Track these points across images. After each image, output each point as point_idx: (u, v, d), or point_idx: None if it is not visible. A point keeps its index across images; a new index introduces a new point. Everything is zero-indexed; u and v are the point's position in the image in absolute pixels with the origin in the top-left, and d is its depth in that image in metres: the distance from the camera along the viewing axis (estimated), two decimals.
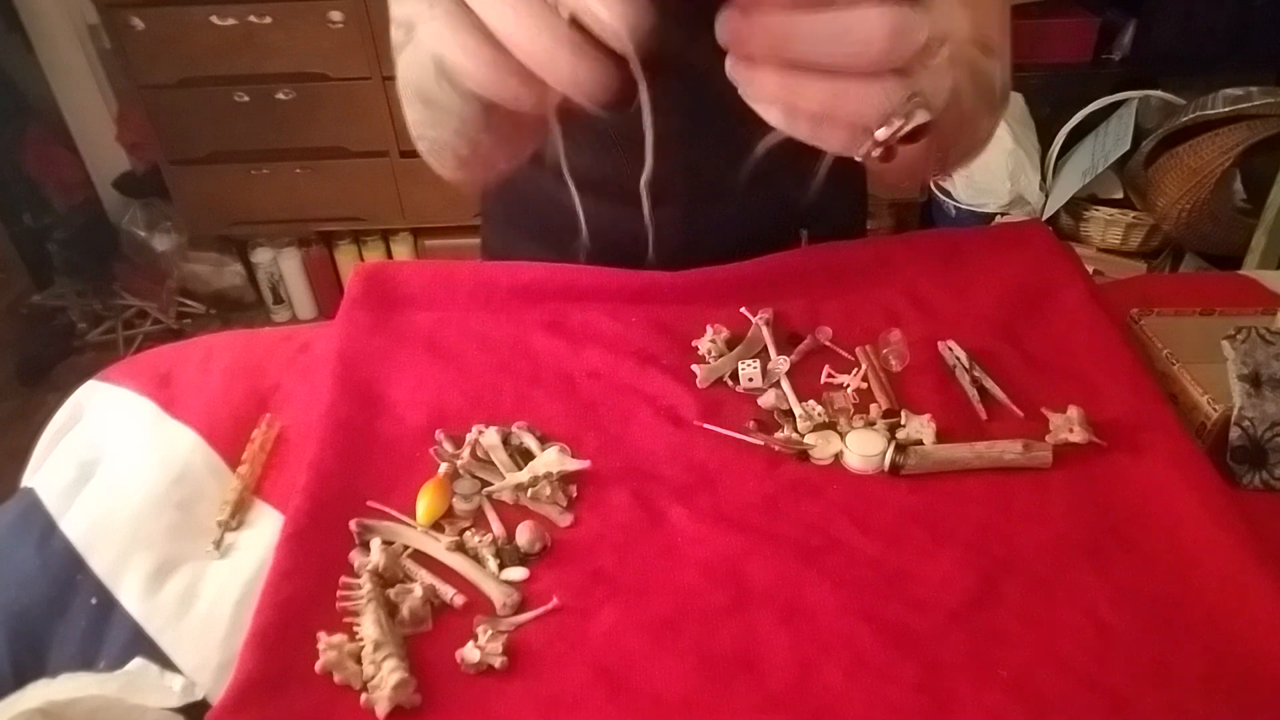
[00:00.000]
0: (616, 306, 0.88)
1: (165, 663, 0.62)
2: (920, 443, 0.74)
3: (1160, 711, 0.57)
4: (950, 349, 0.84)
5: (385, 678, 0.57)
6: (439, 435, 0.76)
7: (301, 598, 0.63)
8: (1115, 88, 2.26)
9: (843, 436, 0.75)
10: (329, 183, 2.48)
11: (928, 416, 0.76)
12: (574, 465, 0.72)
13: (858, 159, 0.46)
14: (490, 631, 0.61)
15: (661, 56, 0.43)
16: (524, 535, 0.68)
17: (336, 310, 0.89)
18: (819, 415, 0.77)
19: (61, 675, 0.61)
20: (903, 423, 0.76)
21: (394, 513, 0.70)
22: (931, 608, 0.63)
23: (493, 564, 0.66)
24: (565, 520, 0.70)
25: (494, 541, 0.68)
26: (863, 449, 0.73)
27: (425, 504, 0.70)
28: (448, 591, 0.64)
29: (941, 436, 0.75)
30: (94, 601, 0.66)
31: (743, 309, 0.89)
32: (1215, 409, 0.76)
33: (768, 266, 0.91)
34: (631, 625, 0.62)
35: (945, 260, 0.93)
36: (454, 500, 0.71)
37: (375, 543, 0.67)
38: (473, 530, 0.69)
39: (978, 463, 0.73)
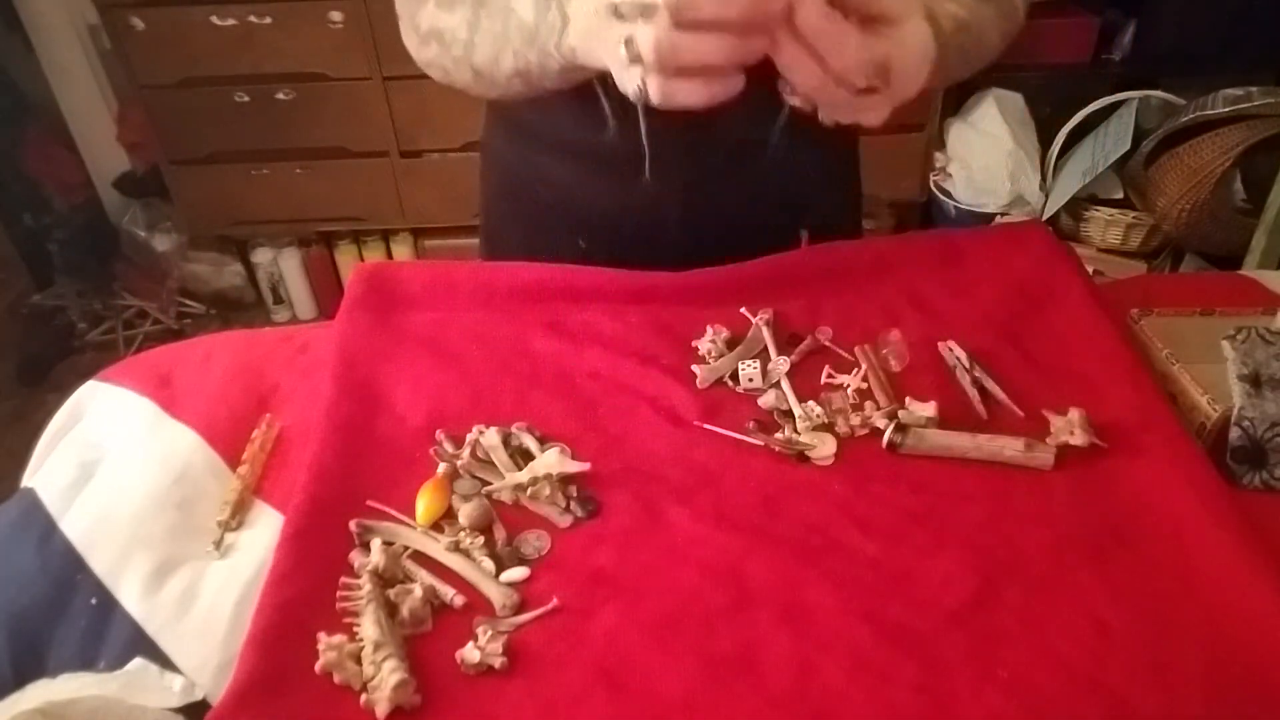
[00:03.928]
0: (616, 307, 0.88)
1: (165, 663, 0.62)
2: (921, 424, 0.75)
3: (1160, 711, 0.57)
4: (950, 349, 0.84)
5: (385, 678, 0.57)
6: (439, 435, 0.76)
7: (301, 598, 0.63)
8: (1115, 88, 2.26)
9: (838, 438, 0.76)
10: (329, 183, 2.48)
11: (932, 403, 0.76)
12: (574, 467, 0.72)
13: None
14: (490, 632, 0.61)
15: None
16: (529, 543, 0.68)
17: (336, 310, 0.89)
18: (819, 416, 0.77)
19: (61, 675, 0.61)
20: (906, 407, 0.77)
21: (394, 513, 0.70)
22: (931, 608, 0.63)
23: (489, 565, 0.66)
24: (565, 521, 0.70)
25: (485, 545, 0.68)
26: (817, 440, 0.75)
27: (425, 504, 0.70)
28: (448, 592, 0.64)
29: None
30: (94, 601, 0.66)
31: (743, 309, 0.89)
32: (1215, 409, 0.76)
33: (768, 266, 0.91)
34: (631, 626, 0.62)
35: (945, 260, 0.93)
36: (453, 500, 0.71)
37: (375, 543, 0.67)
38: (468, 532, 0.69)
39: (976, 454, 0.73)
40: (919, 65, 0.60)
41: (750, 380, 0.82)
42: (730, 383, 0.82)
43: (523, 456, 0.75)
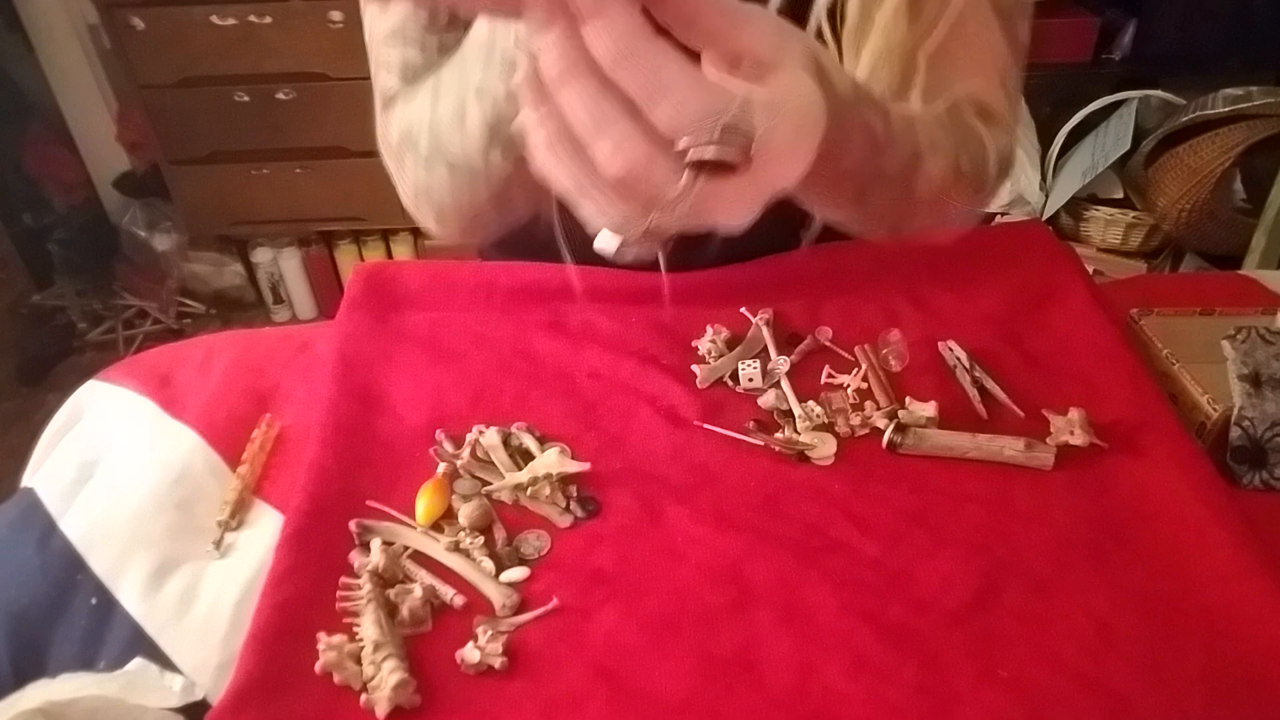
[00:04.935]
0: (616, 306, 0.88)
1: (165, 663, 0.62)
2: (921, 424, 0.75)
3: (1160, 711, 0.57)
4: (950, 349, 0.84)
5: (385, 678, 0.57)
6: (439, 435, 0.76)
7: (301, 598, 0.63)
8: (1115, 88, 2.26)
9: (839, 438, 0.76)
10: (329, 183, 2.48)
11: (932, 403, 0.76)
12: (574, 467, 0.72)
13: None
14: (490, 632, 0.61)
15: None
16: (529, 543, 0.68)
17: (336, 310, 0.89)
18: (819, 416, 0.77)
19: (61, 675, 0.61)
20: (905, 407, 0.77)
21: (394, 513, 0.70)
22: (931, 608, 0.63)
23: (488, 565, 0.66)
24: (565, 521, 0.70)
25: (485, 545, 0.68)
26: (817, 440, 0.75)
27: (424, 504, 0.70)
28: (447, 592, 0.64)
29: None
30: (94, 601, 0.66)
31: (743, 309, 0.89)
32: (1215, 409, 0.76)
33: (768, 266, 0.91)
34: (631, 626, 0.62)
35: (945, 260, 0.93)
36: (453, 500, 0.71)
37: (375, 543, 0.67)
38: (467, 532, 0.69)
39: (976, 453, 0.73)
40: (798, 133, 0.36)
41: (750, 380, 0.82)
42: (730, 383, 0.82)
43: (523, 456, 0.75)
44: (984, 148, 0.59)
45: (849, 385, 0.81)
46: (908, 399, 0.78)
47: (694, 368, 0.82)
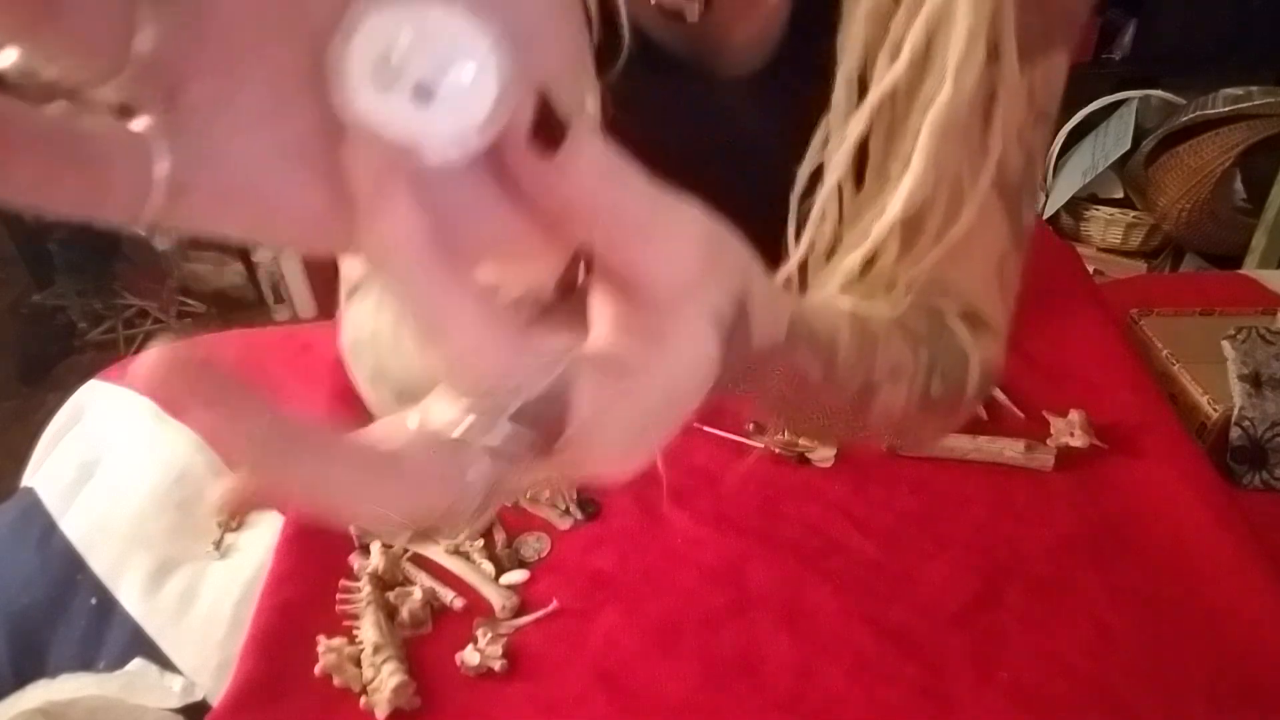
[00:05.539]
0: None
1: (165, 663, 0.62)
2: None
3: (1160, 712, 0.57)
4: None
5: (385, 680, 0.57)
6: None
7: (301, 600, 0.63)
8: (1115, 87, 2.26)
9: None
10: None
11: None
12: None
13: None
14: (490, 634, 0.61)
15: None
16: (529, 545, 0.68)
17: (336, 310, 0.89)
18: None
19: (61, 675, 0.61)
20: None
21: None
22: (932, 610, 0.63)
23: (488, 567, 0.66)
24: (565, 523, 0.70)
25: (485, 547, 0.68)
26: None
27: None
28: (447, 594, 0.64)
29: None
30: (94, 602, 0.66)
31: None
32: (1215, 409, 0.76)
33: None
34: (631, 628, 0.62)
35: None
36: None
37: (375, 545, 0.67)
38: (467, 535, 0.69)
39: (976, 455, 0.73)
40: (639, 430, 0.23)
41: None
42: None
43: None
44: (965, 363, 0.49)
45: None
46: None
47: None
